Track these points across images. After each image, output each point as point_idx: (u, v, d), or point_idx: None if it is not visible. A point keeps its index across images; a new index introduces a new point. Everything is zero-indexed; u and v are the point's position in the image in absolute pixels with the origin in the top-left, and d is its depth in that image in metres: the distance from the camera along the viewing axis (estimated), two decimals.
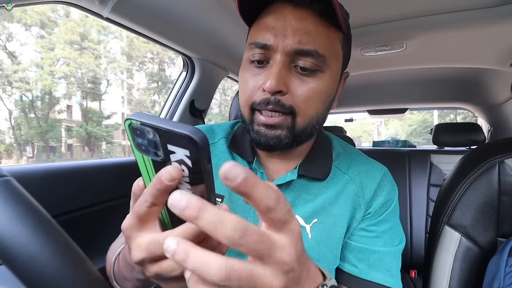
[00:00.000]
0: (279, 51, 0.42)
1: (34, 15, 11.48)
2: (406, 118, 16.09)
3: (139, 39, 12.50)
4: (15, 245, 0.23)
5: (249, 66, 0.46)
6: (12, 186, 0.27)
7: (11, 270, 0.23)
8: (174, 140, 0.22)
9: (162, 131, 0.22)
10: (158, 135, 0.22)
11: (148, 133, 0.23)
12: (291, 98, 0.43)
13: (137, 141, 0.24)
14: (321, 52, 0.42)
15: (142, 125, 0.22)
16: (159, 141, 0.23)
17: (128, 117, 0.23)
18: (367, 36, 0.98)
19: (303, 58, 0.42)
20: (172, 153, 0.23)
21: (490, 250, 0.54)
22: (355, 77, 1.48)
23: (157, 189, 0.24)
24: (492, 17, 0.81)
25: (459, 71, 1.51)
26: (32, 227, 0.25)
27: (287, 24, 0.41)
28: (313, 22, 0.42)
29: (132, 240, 0.26)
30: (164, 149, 0.23)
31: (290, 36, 0.41)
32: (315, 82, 0.43)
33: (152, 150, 0.24)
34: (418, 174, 1.45)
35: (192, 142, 0.21)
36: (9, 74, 11.34)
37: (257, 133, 0.44)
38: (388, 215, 0.49)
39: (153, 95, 16.73)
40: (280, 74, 0.41)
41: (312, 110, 0.44)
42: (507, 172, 0.53)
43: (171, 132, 0.22)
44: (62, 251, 0.25)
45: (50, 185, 0.72)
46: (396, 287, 0.47)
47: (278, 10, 0.43)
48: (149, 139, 0.23)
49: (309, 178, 0.50)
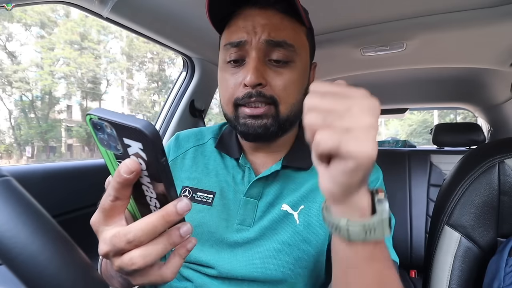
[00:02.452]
0: (252, 46, 0.46)
1: (34, 15, 11.48)
2: (406, 118, 16.08)
3: (139, 39, 12.50)
4: (15, 245, 0.23)
5: (226, 67, 0.50)
6: (12, 186, 0.27)
7: (11, 270, 0.23)
8: (128, 134, 0.23)
9: (117, 125, 0.23)
10: (114, 129, 0.24)
11: (106, 127, 0.24)
12: (271, 89, 0.47)
13: (99, 135, 0.25)
14: (290, 42, 0.47)
15: (100, 120, 0.24)
16: (116, 135, 0.24)
17: (88, 112, 0.24)
18: (367, 36, 0.98)
19: (276, 51, 0.46)
20: (129, 147, 0.24)
21: (490, 250, 0.54)
22: (355, 77, 1.48)
23: (117, 183, 0.24)
24: (492, 17, 0.81)
25: (459, 71, 1.51)
26: (32, 227, 0.25)
27: (256, 23, 0.46)
28: (278, 18, 0.47)
29: (99, 234, 0.27)
30: (122, 143, 0.24)
31: (260, 32, 0.46)
32: (289, 72, 0.48)
33: (113, 144, 0.25)
34: (418, 174, 1.45)
35: (143, 135, 0.22)
36: (9, 74, 11.34)
37: (244, 125, 0.48)
38: None
39: (153, 95, 16.73)
40: (257, 68, 0.45)
41: (292, 98, 0.48)
42: (507, 172, 0.53)
43: (124, 126, 0.23)
44: (62, 251, 0.25)
45: (50, 185, 0.72)
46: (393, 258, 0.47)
47: (246, 13, 0.48)
48: (108, 133, 0.24)
49: (294, 169, 0.53)
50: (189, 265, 0.50)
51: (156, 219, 0.25)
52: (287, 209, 0.50)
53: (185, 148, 0.60)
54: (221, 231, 0.50)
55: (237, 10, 0.49)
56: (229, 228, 0.50)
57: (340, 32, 0.97)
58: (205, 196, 0.53)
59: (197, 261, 0.49)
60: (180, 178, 0.56)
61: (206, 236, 0.50)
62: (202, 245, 0.49)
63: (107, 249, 0.26)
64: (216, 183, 0.54)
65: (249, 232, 0.49)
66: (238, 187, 0.53)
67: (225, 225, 0.50)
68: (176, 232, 0.26)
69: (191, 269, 0.50)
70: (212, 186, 0.54)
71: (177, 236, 0.26)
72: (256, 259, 0.47)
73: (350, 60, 1.21)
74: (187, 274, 0.50)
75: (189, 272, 0.50)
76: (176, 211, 0.25)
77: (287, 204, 0.51)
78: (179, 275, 0.51)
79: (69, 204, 0.76)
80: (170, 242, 0.26)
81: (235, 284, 0.48)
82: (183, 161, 0.58)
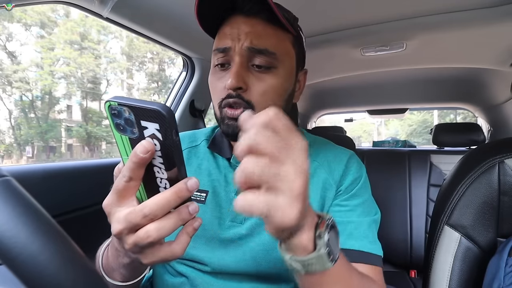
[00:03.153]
0: (236, 52, 0.48)
1: (34, 15, 11.48)
2: (406, 118, 16.09)
3: (139, 39, 12.50)
4: (15, 245, 0.23)
5: (215, 70, 0.52)
6: (12, 186, 0.27)
7: (11, 270, 0.23)
8: (146, 116, 0.26)
9: (136, 108, 0.26)
10: (133, 113, 0.26)
11: (124, 112, 0.26)
12: (250, 94, 0.49)
13: (116, 121, 0.27)
14: (271, 50, 0.49)
15: (119, 105, 0.26)
16: (134, 119, 0.26)
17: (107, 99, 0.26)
18: (367, 36, 0.98)
19: (258, 57, 0.49)
20: (145, 129, 0.27)
21: (490, 250, 0.54)
22: (355, 77, 1.48)
23: (133, 163, 0.27)
24: (492, 17, 0.81)
25: (459, 71, 1.51)
26: (32, 227, 0.25)
27: (240, 31, 0.49)
28: (261, 27, 0.49)
29: (112, 216, 0.30)
30: (138, 126, 0.27)
31: (243, 39, 0.48)
32: (270, 78, 0.50)
33: (129, 128, 0.27)
34: (418, 174, 1.45)
35: (160, 115, 0.25)
36: (9, 74, 11.33)
37: (226, 125, 0.50)
38: (359, 190, 0.54)
39: (153, 95, 16.73)
40: (239, 73, 0.48)
41: (269, 103, 0.50)
42: (507, 172, 0.53)
43: (143, 109, 0.25)
44: (62, 251, 0.25)
45: (50, 185, 0.72)
46: (376, 252, 0.49)
47: (233, 21, 0.50)
48: (126, 118, 0.27)
49: None
50: (184, 262, 0.52)
51: (170, 194, 0.28)
52: None
53: None
54: (214, 229, 0.52)
55: (226, 17, 0.51)
56: (221, 226, 0.52)
57: (340, 32, 0.97)
58: (198, 194, 0.55)
59: (191, 258, 0.51)
60: None
61: (200, 233, 0.51)
62: (196, 242, 0.51)
63: (121, 227, 0.28)
64: (209, 182, 0.56)
65: (241, 228, 0.51)
66: (230, 186, 0.55)
67: (218, 222, 0.52)
68: (186, 210, 0.29)
69: (185, 265, 0.52)
70: (205, 185, 0.56)
71: (186, 213, 0.29)
72: (247, 255, 0.49)
73: (350, 60, 1.21)
74: (182, 270, 0.51)
75: (183, 268, 0.52)
76: (187, 187, 0.28)
77: None
78: (174, 270, 0.53)
79: (69, 204, 0.76)
80: (180, 218, 0.29)
81: (228, 280, 0.49)
82: None
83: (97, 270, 0.28)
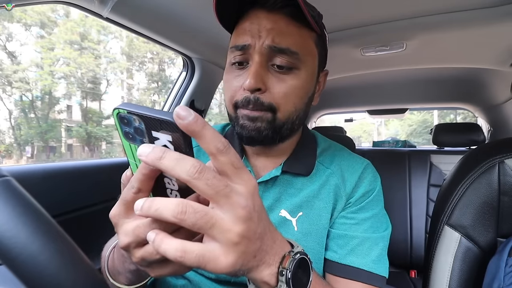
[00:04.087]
0: (256, 51, 0.44)
1: (34, 15, 11.47)
2: (406, 118, 16.08)
3: (139, 39, 12.49)
4: (15, 245, 0.23)
5: (231, 69, 0.49)
6: (12, 186, 0.27)
7: (11, 270, 0.23)
8: (158, 127, 0.24)
9: (148, 118, 0.24)
10: (143, 123, 0.24)
11: (134, 121, 0.24)
12: (270, 96, 0.45)
13: (124, 129, 0.25)
14: (294, 50, 0.45)
15: (129, 114, 0.24)
16: (144, 128, 0.25)
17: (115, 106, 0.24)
18: (367, 36, 0.98)
19: (279, 56, 0.45)
20: (156, 139, 0.25)
21: (490, 250, 0.54)
22: (355, 77, 1.48)
23: (142, 174, 0.26)
24: (492, 17, 0.81)
25: (459, 71, 1.51)
26: (32, 227, 0.25)
27: (261, 27, 0.45)
28: (285, 23, 0.45)
29: (119, 227, 0.28)
30: (149, 136, 0.25)
31: (264, 36, 0.44)
32: (292, 79, 0.46)
33: (139, 138, 0.25)
34: (418, 174, 1.45)
35: (175, 128, 0.23)
36: (9, 74, 11.33)
37: (241, 126, 0.47)
38: (369, 204, 0.51)
39: (153, 95, 16.72)
40: (258, 73, 0.44)
41: (291, 106, 0.47)
42: (507, 172, 0.53)
43: (155, 119, 0.23)
44: (62, 251, 0.25)
45: (50, 185, 0.72)
46: (378, 272, 0.46)
47: (253, 15, 0.46)
48: (135, 127, 0.25)
49: (294, 174, 0.52)
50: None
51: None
52: (285, 215, 0.50)
53: None
54: None
55: (246, 11, 0.47)
56: None
57: (340, 32, 0.97)
58: None
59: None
60: None
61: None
62: None
63: (128, 241, 0.27)
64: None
65: None
66: None
67: None
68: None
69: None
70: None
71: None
72: None
73: (350, 60, 1.21)
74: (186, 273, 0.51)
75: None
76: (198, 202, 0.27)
77: (285, 210, 0.50)
78: None
79: (69, 204, 0.76)
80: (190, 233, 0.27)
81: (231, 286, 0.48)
82: None
83: (96, 270, 0.28)
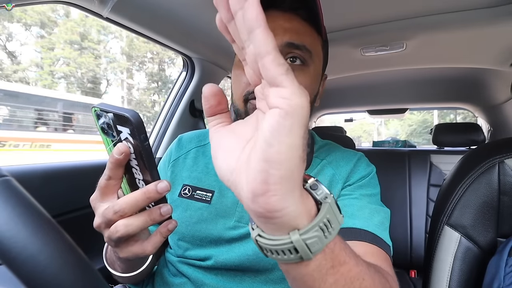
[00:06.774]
0: None
1: (34, 15, 11.47)
2: (406, 118, 16.08)
3: (139, 39, 12.49)
4: (15, 245, 0.23)
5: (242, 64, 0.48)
6: (12, 186, 0.27)
7: (11, 270, 0.23)
8: (121, 121, 0.29)
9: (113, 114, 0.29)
10: (111, 118, 0.29)
11: (105, 117, 0.30)
12: None
13: (100, 124, 0.31)
14: (309, 48, 0.48)
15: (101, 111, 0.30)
16: (112, 123, 0.29)
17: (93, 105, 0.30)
18: (367, 36, 0.98)
19: (294, 51, 0.47)
20: (121, 132, 0.30)
21: (490, 250, 0.54)
22: (355, 77, 1.48)
23: (111, 163, 0.30)
24: (492, 17, 0.81)
25: (459, 71, 1.51)
26: (32, 227, 0.25)
27: (277, 25, 0.47)
28: (300, 24, 0.48)
29: (96, 210, 0.33)
30: (116, 130, 0.30)
31: (280, 34, 0.46)
32: (302, 75, 0.48)
33: (110, 132, 0.30)
34: (418, 174, 1.45)
35: (129, 121, 0.28)
36: (9, 74, 11.33)
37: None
38: (367, 183, 0.54)
39: (153, 95, 16.72)
40: None
41: None
42: (507, 172, 0.53)
43: (117, 114, 0.28)
44: (62, 251, 0.25)
45: (50, 185, 0.72)
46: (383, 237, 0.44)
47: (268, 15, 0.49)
48: (107, 122, 0.30)
49: None
50: (187, 261, 0.52)
51: (139, 194, 0.30)
52: None
53: (187, 148, 0.63)
54: (219, 228, 0.51)
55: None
56: (226, 226, 0.52)
57: (340, 32, 0.97)
58: (204, 194, 0.55)
59: (195, 257, 0.51)
60: (181, 177, 0.58)
61: (204, 232, 0.51)
62: (201, 240, 0.51)
63: (99, 221, 0.31)
64: (216, 182, 0.55)
65: (246, 229, 0.51)
66: None
67: (223, 222, 0.52)
68: (157, 211, 0.31)
69: (188, 265, 0.52)
70: (212, 185, 0.55)
71: (157, 214, 0.31)
72: (250, 250, 0.49)
73: (350, 60, 1.21)
74: (183, 270, 0.52)
75: (184, 268, 0.52)
76: (156, 189, 0.30)
77: None
78: (176, 270, 0.53)
79: (69, 204, 0.76)
80: (150, 217, 0.31)
81: (229, 275, 0.49)
82: (185, 161, 0.61)
83: (96, 270, 0.28)
